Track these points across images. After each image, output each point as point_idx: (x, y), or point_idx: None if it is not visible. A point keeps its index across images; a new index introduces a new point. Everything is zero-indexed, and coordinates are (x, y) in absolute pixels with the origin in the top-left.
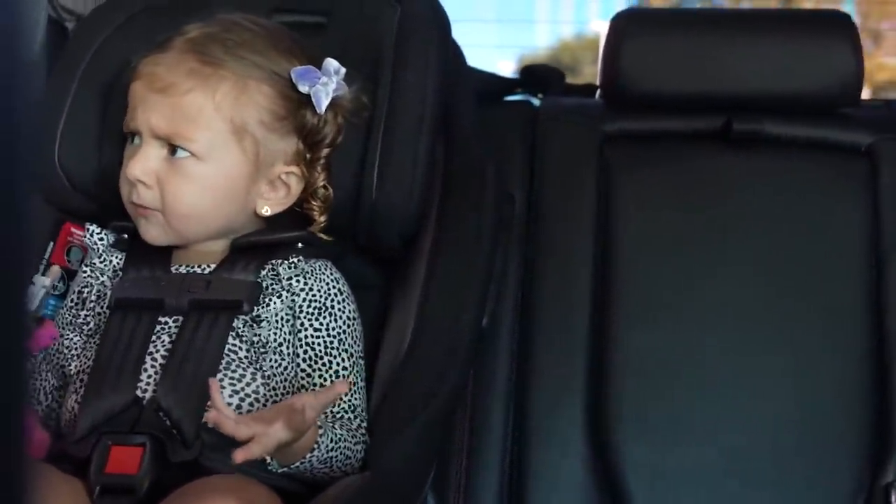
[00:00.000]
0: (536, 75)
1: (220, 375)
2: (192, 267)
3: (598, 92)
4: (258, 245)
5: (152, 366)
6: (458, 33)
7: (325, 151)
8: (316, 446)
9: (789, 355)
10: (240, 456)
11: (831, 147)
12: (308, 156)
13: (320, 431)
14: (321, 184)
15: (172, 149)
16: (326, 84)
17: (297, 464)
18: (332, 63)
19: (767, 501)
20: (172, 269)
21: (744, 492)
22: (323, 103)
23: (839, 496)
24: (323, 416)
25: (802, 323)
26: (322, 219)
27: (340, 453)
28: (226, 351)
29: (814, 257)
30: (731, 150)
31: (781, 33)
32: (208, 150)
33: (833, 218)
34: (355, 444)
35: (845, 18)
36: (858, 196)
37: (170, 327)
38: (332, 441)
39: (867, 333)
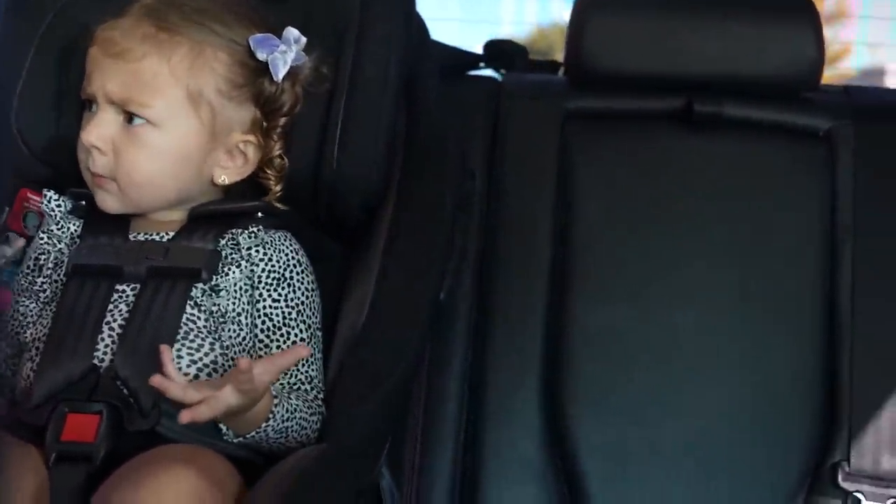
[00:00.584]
0: (500, 51)
1: (177, 345)
2: (151, 234)
3: (562, 69)
4: (217, 214)
5: (109, 334)
6: (424, 7)
7: (282, 120)
8: (271, 416)
9: (745, 337)
10: (185, 416)
11: (791, 131)
12: (265, 124)
13: (275, 401)
14: (277, 153)
15: (128, 116)
16: (285, 52)
17: (253, 433)
18: (292, 32)
19: (721, 483)
20: (130, 237)
21: (698, 473)
22: (280, 71)
23: (791, 477)
24: (279, 387)
25: (758, 305)
26: (277, 188)
27: (296, 423)
28: (184, 320)
29: (770, 241)
30: (691, 132)
31: (744, 16)
32: (163, 117)
33: (790, 202)
34: (311, 415)
35: (807, 4)
36: (816, 180)
37: (127, 295)
38: (287, 411)
39: (820, 316)
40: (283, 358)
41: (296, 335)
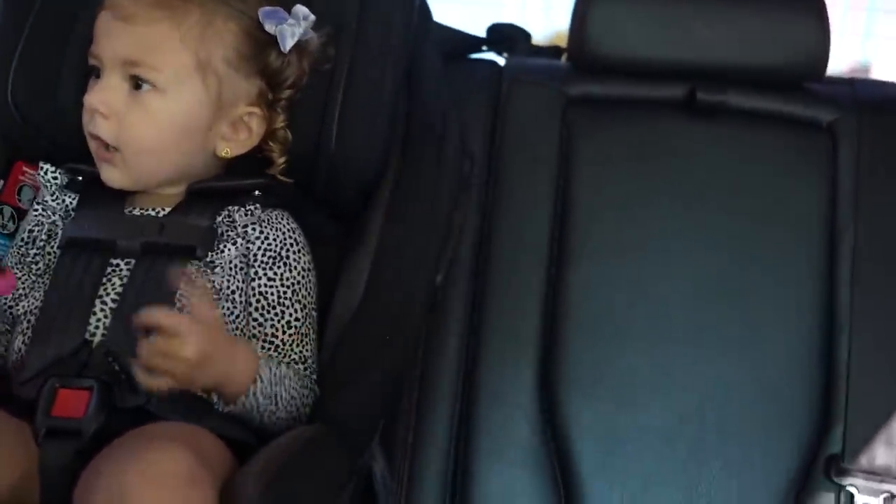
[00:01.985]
0: (503, 34)
1: None
2: (147, 210)
3: (565, 55)
4: (215, 191)
5: (102, 308)
6: None
7: (286, 93)
8: (258, 378)
9: (741, 322)
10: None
11: (793, 121)
12: (270, 97)
13: (261, 362)
14: (280, 125)
15: (134, 82)
16: (293, 25)
17: (242, 399)
18: (301, 9)
19: (712, 468)
20: (126, 211)
21: (689, 457)
22: (288, 43)
23: (783, 467)
24: (262, 352)
25: (756, 291)
26: (281, 160)
27: (285, 391)
28: (178, 296)
29: (770, 228)
30: (694, 119)
31: (750, 5)
32: (170, 83)
33: (791, 191)
34: (302, 387)
35: None
36: (817, 171)
37: (121, 270)
38: (275, 376)
39: (817, 307)
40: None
41: (290, 314)
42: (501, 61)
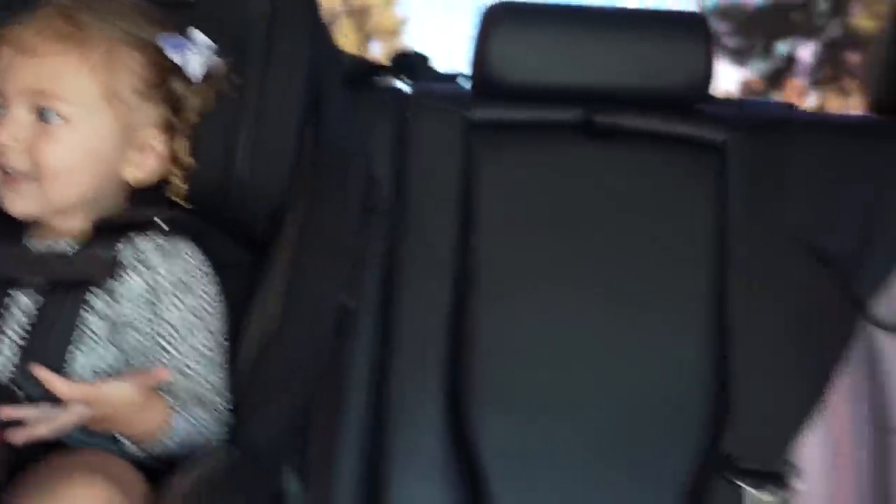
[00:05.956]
0: (406, 61)
1: (77, 353)
2: (49, 242)
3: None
4: (118, 223)
5: (10, 345)
6: None
7: (191, 119)
8: (171, 430)
9: (641, 335)
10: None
11: (686, 142)
12: (175, 123)
13: (174, 415)
14: (184, 151)
15: (41, 114)
16: (196, 53)
17: (153, 445)
18: (198, 34)
19: (620, 475)
20: (28, 245)
21: (598, 466)
22: (197, 71)
23: (681, 470)
24: (184, 397)
25: (653, 305)
26: (184, 186)
27: (199, 435)
28: (83, 328)
29: (665, 245)
30: (591, 141)
31: (639, 31)
32: (79, 113)
33: (684, 209)
34: (217, 425)
35: (699, 20)
36: (709, 189)
37: (27, 306)
38: (189, 423)
39: (711, 316)
40: (141, 377)
41: (199, 343)
42: (406, 87)
